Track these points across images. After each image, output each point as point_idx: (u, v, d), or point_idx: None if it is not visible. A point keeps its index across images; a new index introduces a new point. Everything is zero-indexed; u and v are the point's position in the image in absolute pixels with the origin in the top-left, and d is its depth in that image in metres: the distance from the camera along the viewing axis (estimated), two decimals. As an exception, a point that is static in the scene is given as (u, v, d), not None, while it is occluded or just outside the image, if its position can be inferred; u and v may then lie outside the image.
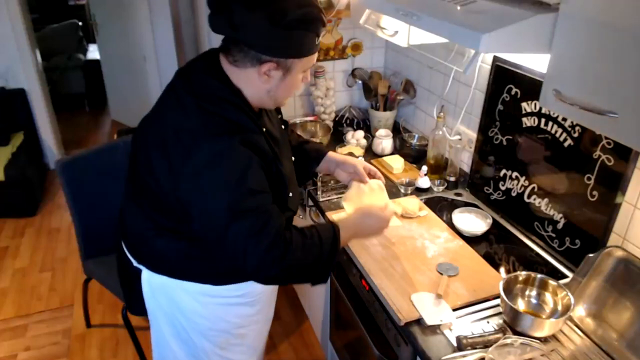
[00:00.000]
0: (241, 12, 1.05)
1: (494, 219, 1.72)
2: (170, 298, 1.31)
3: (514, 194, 1.70)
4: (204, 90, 1.15)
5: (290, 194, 1.30)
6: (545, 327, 1.22)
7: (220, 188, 1.09)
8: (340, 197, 1.86)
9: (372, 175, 1.55)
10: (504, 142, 1.72)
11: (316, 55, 1.20)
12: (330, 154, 1.59)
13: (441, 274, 1.45)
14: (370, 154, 2.23)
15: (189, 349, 1.38)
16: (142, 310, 1.42)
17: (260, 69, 1.12)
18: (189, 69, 1.22)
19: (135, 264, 1.33)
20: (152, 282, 1.30)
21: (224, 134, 1.11)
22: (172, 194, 1.15)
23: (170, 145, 1.13)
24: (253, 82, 1.16)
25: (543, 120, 1.53)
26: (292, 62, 1.14)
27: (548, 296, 1.32)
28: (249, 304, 1.38)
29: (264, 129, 1.22)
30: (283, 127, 1.43)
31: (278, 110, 1.46)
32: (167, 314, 1.34)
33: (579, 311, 1.29)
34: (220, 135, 1.10)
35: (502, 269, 1.51)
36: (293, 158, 1.44)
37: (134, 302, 1.39)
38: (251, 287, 1.35)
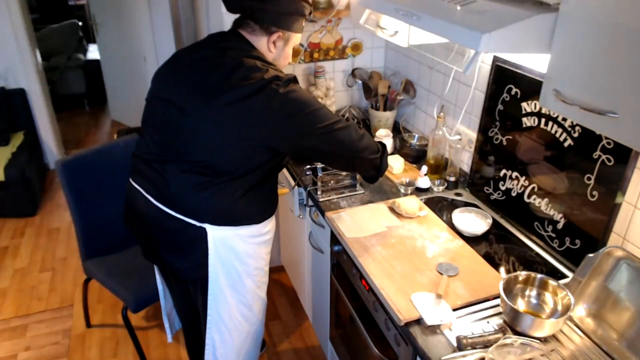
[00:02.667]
0: None
1: (494, 219, 1.72)
2: (229, 246, 1.53)
3: (514, 194, 1.70)
4: (248, 52, 1.43)
5: None
6: (545, 327, 1.22)
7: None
8: (340, 197, 1.86)
9: None
10: (504, 142, 1.72)
11: (301, 35, 1.56)
12: None
13: (441, 274, 1.45)
14: (370, 154, 2.22)
15: (237, 294, 1.62)
16: (199, 273, 1.57)
17: (270, 38, 1.46)
18: (222, 39, 1.48)
19: (198, 224, 1.48)
20: (215, 237, 1.50)
21: (292, 81, 1.41)
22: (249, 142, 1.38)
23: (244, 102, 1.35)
24: (264, 50, 1.48)
25: (543, 120, 1.53)
26: (290, 35, 1.50)
27: (548, 296, 1.32)
28: (268, 241, 1.67)
29: None
30: None
31: None
32: (226, 264, 1.55)
33: (579, 311, 1.29)
34: (292, 82, 1.40)
35: (502, 269, 1.51)
36: None
37: (190, 266, 1.57)
38: (270, 225, 1.64)
